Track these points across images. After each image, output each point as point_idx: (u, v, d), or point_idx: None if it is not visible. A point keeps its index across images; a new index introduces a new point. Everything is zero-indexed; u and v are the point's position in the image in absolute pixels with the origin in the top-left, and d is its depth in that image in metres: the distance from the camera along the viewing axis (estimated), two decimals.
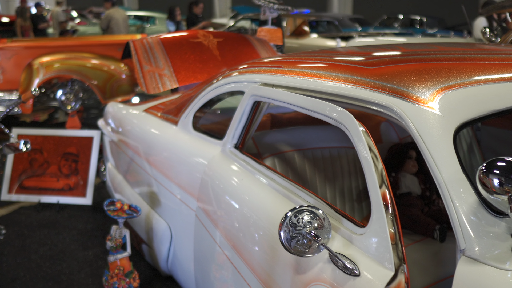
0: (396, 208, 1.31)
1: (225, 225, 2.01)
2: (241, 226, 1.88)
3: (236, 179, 2.00)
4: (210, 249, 2.14)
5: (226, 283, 2.02)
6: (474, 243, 1.28)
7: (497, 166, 1.23)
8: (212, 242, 2.11)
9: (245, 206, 1.88)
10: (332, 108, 1.55)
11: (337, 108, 1.53)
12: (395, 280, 1.24)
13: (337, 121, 1.53)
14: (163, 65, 3.76)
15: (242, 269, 1.84)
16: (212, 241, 2.11)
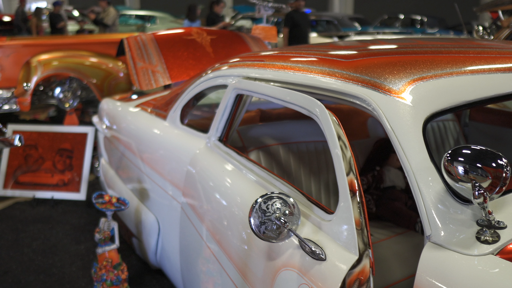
0: (363, 195, 1.34)
1: (208, 217, 2.04)
2: (221, 217, 1.91)
3: (218, 171, 2.03)
4: (195, 242, 2.18)
5: (210, 276, 2.05)
6: (440, 229, 1.30)
7: (461, 153, 1.25)
8: (196, 234, 2.15)
9: (224, 197, 1.91)
10: (304, 99, 1.58)
11: (308, 98, 1.57)
12: (359, 264, 1.27)
13: (309, 110, 1.56)
14: (156, 61, 3.80)
15: (223, 259, 1.87)
16: (196, 233, 2.15)
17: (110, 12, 9.08)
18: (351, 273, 1.25)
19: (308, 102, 1.56)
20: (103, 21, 9.15)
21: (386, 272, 2.04)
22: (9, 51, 6.08)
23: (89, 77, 6.00)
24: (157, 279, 2.95)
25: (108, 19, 9.13)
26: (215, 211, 1.97)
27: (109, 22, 9.12)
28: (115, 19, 9.03)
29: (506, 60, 1.76)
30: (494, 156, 1.23)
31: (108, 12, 9.13)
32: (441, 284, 1.22)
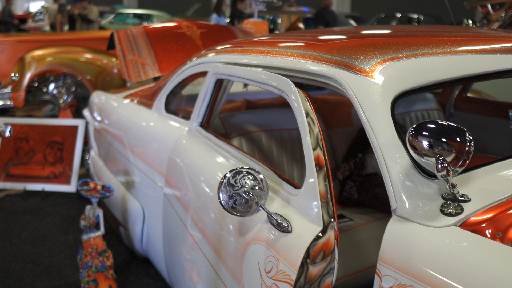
0: (329, 170, 1.36)
1: (187, 201, 2.06)
2: (200, 201, 1.93)
3: (197, 156, 2.05)
4: (176, 226, 2.20)
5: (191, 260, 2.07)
6: (405, 203, 1.33)
7: (426, 128, 1.27)
8: (177, 219, 2.17)
9: (202, 180, 1.93)
10: (275, 78, 1.61)
11: (279, 77, 1.59)
12: (324, 236, 1.29)
13: (279, 89, 1.58)
14: (145, 54, 3.82)
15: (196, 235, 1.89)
16: (178, 218, 2.17)
17: (93, 9, 9.36)
18: (315, 244, 1.28)
19: (279, 81, 1.59)
20: (88, 17, 9.33)
21: (365, 255, 2.07)
22: (3, 47, 6.11)
23: (83, 73, 6.01)
24: (144, 268, 2.97)
25: (92, 15, 9.35)
26: (194, 195, 1.99)
27: (94, 18, 9.34)
28: (98, 15, 9.29)
29: (479, 43, 1.78)
30: (458, 130, 1.25)
31: (91, 9, 9.38)
32: (404, 254, 1.25)
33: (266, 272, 1.35)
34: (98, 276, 2.61)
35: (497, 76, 1.72)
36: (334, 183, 2.59)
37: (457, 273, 1.14)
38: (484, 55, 1.70)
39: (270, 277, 1.33)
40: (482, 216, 1.28)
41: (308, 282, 1.28)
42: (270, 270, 1.34)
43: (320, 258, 1.28)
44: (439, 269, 1.17)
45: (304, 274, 1.27)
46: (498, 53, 1.74)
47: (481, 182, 1.40)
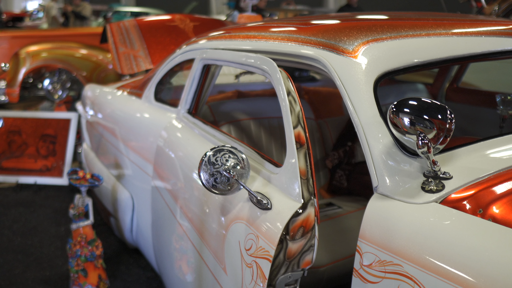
0: (310, 148, 1.35)
1: (174, 187, 2.06)
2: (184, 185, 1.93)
3: (184, 141, 2.05)
4: (164, 214, 2.19)
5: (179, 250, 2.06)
6: (386, 180, 1.32)
7: (407, 105, 1.26)
8: (165, 206, 2.16)
9: (188, 166, 1.93)
10: (257, 58, 1.60)
11: (261, 58, 1.59)
12: (304, 212, 1.28)
13: (262, 69, 1.58)
14: (138, 47, 3.82)
15: (187, 227, 1.89)
16: (165, 205, 2.16)
17: (86, 6, 9.44)
18: (294, 221, 1.27)
19: (262, 61, 1.58)
20: (81, 13, 9.38)
21: (353, 242, 2.04)
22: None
23: (78, 69, 6.01)
24: (134, 258, 2.97)
25: (85, 11, 9.41)
26: (181, 182, 1.98)
27: (87, 14, 9.39)
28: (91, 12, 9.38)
29: (464, 26, 1.78)
30: (439, 108, 1.24)
31: (84, 6, 9.44)
32: (384, 231, 1.24)
33: (246, 249, 1.34)
34: (87, 266, 2.60)
35: (483, 58, 1.72)
36: (323, 172, 2.58)
37: (437, 248, 1.13)
38: (469, 37, 1.70)
39: (250, 254, 1.32)
40: (463, 193, 1.28)
41: (287, 258, 1.27)
42: (250, 248, 1.33)
43: (299, 234, 1.28)
44: (419, 244, 1.17)
45: (284, 251, 1.26)
46: (483, 35, 1.73)
47: (463, 161, 1.39)
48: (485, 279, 1.04)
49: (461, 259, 1.09)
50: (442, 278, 1.10)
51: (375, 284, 1.24)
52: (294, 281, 1.30)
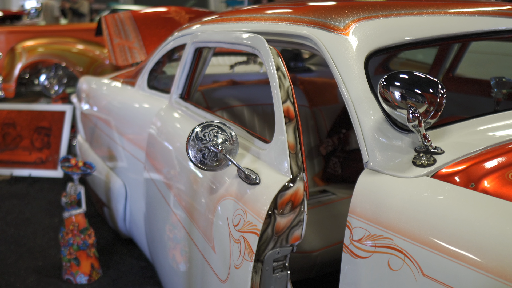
0: (299, 123, 1.33)
1: (165, 171, 2.04)
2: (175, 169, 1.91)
3: (175, 125, 2.02)
4: (156, 200, 2.17)
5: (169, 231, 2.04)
6: (377, 155, 1.30)
7: (398, 78, 1.24)
8: (157, 192, 2.14)
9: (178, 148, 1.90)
10: (247, 36, 1.58)
11: (250, 35, 1.57)
12: (292, 186, 1.26)
13: (252, 47, 1.56)
14: (133, 38, 3.80)
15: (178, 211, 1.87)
16: (157, 191, 2.14)
17: (84, 3, 9.40)
18: (283, 195, 1.25)
19: (252, 39, 1.56)
20: (79, 10, 9.35)
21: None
22: None
23: (75, 64, 5.99)
24: (128, 249, 2.94)
25: (83, 8, 9.39)
26: (172, 166, 1.96)
27: (85, 11, 9.36)
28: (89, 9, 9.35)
29: (457, 6, 1.76)
30: (430, 82, 1.22)
31: (81, 3, 9.40)
32: (374, 205, 1.22)
33: (234, 225, 1.32)
34: (80, 255, 2.58)
35: (475, 37, 1.70)
36: (318, 160, 2.56)
37: (428, 221, 1.11)
38: (462, 17, 1.68)
39: (238, 230, 1.30)
40: (455, 168, 1.26)
41: (276, 233, 1.25)
42: (238, 223, 1.31)
43: (288, 209, 1.26)
44: (410, 217, 1.15)
45: (272, 225, 1.24)
46: (476, 15, 1.71)
47: (455, 137, 1.37)
48: (476, 250, 1.02)
49: (452, 230, 1.07)
50: (433, 250, 1.08)
51: (365, 259, 1.22)
52: (283, 257, 1.28)
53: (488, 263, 0.99)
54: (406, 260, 1.13)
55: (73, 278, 2.59)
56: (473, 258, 1.01)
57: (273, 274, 1.28)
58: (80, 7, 9.39)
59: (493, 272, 0.98)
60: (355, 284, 1.26)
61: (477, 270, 1.00)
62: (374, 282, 1.20)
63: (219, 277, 1.40)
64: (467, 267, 1.01)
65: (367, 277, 1.22)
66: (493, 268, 0.98)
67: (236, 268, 1.29)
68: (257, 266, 1.25)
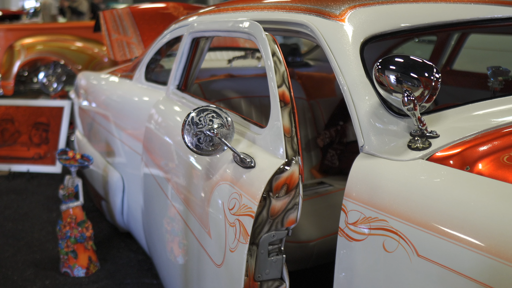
0: (295, 107, 1.34)
1: (162, 162, 2.04)
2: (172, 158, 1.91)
3: (172, 116, 2.02)
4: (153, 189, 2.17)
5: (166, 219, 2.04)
6: (372, 139, 1.31)
7: (393, 62, 1.24)
8: (153, 181, 2.14)
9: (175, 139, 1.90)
10: (244, 23, 1.59)
11: (246, 22, 1.57)
12: (288, 169, 1.26)
13: (248, 33, 1.56)
14: (131, 33, 3.80)
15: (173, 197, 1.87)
16: (153, 180, 2.14)
17: (83, 2, 9.41)
18: (278, 178, 1.25)
19: (247, 26, 1.57)
20: (78, 9, 9.36)
21: None
22: None
23: (73, 62, 5.99)
24: (126, 243, 2.94)
25: (82, 7, 9.39)
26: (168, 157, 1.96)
27: (84, 10, 9.37)
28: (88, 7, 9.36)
29: None
30: (425, 65, 1.22)
31: (80, 1, 9.41)
32: (370, 188, 1.23)
33: (229, 209, 1.32)
34: (77, 247, 2.58)
35: (471, 25, 1.70)
36: (315, 152, 2.56)
37: (422, 202, 1.12)
38: (458, 4, 1.68)
39: (233, 213, 1.30)
40: (450, 151, 1.26)
41: (271, 216, 1.25)
42: (233, 207, 1.31)
43: (283, 192, 1.26)
44: (405, 199, 1.15)
45: (267, 208, 1.24)
46: (472, 3, 1.72)
47: (451, 121, 1.37)
48: (471, 229, 1.02)
49: (446, 211, 1.07)
50: (427, 231, 1.08)
51: (360, 241, 1.22)
52: (278, 240, 1.28)
53: (483, 242, 0.99)
54: (401, 242, 1.13)
55: (71, 271, 2.59)
56: (468, 237, 1.01)
57: (269, 257, 1.28)
58: (79, 5, 9.40)
59: (488, 251, 0.98)
60: (350, 268, 1.26)
61: (471, 249, 1.00)
62: (370, 265, 1.20)
63: (214, 262, 1.40)
64: (461, 247, 1.01)
65: (363, 260, 1.22)
66: (487, 246, 0.98)
67: (231, 251, 1.29)
68: (252, 249, 1.25)
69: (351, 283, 1.27)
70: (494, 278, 0.96)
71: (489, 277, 0.97)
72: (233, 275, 1.27)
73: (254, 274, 1.28)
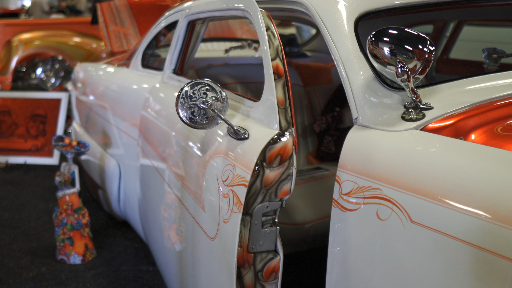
0: (289, 80, 1.33)
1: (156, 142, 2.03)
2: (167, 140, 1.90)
3: (167, 98, 2.02)
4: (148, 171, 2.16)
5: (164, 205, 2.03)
6: (366, 112, 1.31)
7: (386, 34, 1.24)
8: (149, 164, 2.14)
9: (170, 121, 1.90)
10: (237, 0, 1.58)
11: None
12: (281, 140, 1.26)
13: (243, 10, 1.56)
14: (128, 25, 3.80)
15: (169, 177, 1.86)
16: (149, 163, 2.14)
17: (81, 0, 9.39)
18: (271, 148, 1.25)
19: (241, 2, 1.56)
20: (76, 7, 9.35)
21: None
22: None
23: (71, 57, 5.98)
24: (123, 231, 2.94)
25: (80, 5, 9.38)
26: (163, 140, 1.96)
27: (82, 8, 9.37)
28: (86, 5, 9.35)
29: None
30: (419, 37, 1.22)
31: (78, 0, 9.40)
32: (363, 158, 1.22)
33: (223, 181, 1.32)
34: (73, 234, 2.57)
35: (467, 4, 1.70)
36: (312, 138, 2.56)
37: (416, 169, 1.11)
38: None
39: (227, 184, 1.29)
40: (444, 122, 1.26)
41: (264, 186, 1.25)
42: (227, 178, 1.30)
43: (277, 162, 1.26)
44: (399, 167, 1.15)
45: (260, 178, 1.24)
46: None
47: (445, 94, 1.37)
48: (464, 193, 1.02)
49: (440, 176, 1.07)
50: (421, 197, 1.08)
51: (354, 211, 1.22)
52: (272, 212, 1.28)
53: (476, 205, 0.99)
54: (395, 209, 1.13)
55: (67, 258, 2.58)
56: (461, 201, 1.01)
57: (262, 229, 1.28)
58: (77, 4, 9.39)
59: (481, 213, 0.97)
60: (344, 240, 1.26)
61: (465, 212, 1.00)
62: (363, 234, 1.20)
63: (208, 235, 1.40)
64: (454, 210, 1.01)
65: (356, 230, 1.22)
66: (481, 209, 0.98)
67: (224, 222, 1.28)
68: (246, 219, 1.25)
69: (345, 254, 1.27)
70: (487, 240, 0.96)
71: (482, 239, 0.97)
72: (227, 246, 1.27)
73: (247, 246, 1.27)
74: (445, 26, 2.95)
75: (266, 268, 1.30)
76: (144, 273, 2.49)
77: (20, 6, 15.36)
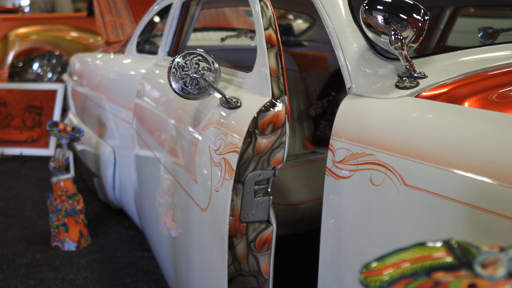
0: (281, 49, 1.32)
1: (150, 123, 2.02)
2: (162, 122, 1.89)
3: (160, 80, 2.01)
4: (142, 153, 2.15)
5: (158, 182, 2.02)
6: (360, 81, 1.30)
7: (380, 2, 1.23)
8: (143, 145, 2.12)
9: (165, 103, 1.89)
10: None
11: None
12: (274, 108, 1.25)
13: None
14: (124, 15, 3.79)
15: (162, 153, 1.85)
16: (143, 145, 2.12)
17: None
18: (264, 116, 1.24)
19: None
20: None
21: None
22: None
23: (68, 52, 5.96)
24: (118, 219, 2.92)
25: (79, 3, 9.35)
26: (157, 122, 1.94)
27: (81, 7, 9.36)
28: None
29: None
30: (413, 6, 1.21)
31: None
32: (357, 125, 1.21)
33: (215, 150, 1.30)
34: (68, 221, 2.55)
35: None
36: (308, 124, 2.55)
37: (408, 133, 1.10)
38: None
39: (219, 153, 1.28)
40: (438, 90, 1.25)
41: (257, 154, 1.24)
42: (219, 147, 1.29)
43: (269, 130, 1.24)
44: (392, 132, 1.14)
45: (252, 145, 1.23)
46: None
47: (440, 64, 1.36)
48: (457, 152, 1.00)
49: (433, 138, 1.06)
50: (414, 159, 1.07)
51: (347, 178, 1.21)
52: (265, 180, 1.27)
53: (470, 164, 0.97)
54: (388, 173, 1.12)
55: (62, 244, 2.57)
56: (455, 161, 1.00)
57: (255, 198, 1.26)
58: None
59: (475, 172, 0.96)
60: (338, 213, 1.25)
61: (458, 172, 0.99)
62: (357, 201, 1.19)
63: (200, 207, 1.38)
64: (448, 171, 1.00)
65: (350, 197, 1.20)
66: (474, 167, 0.96)
67: (216, 191, 1.27)
68: (238, 187, 1.24)
69: (339, 226, 1.26)
70: (482, 198, 0.95)
71: (477, 198, 0.96)
72: (218, 216, 1.26)
73: (240, 215, 1.26)
74: (441, 13, 2.94)
75: (259, 239, 1.29)
76: (138, 259, 2.48)
77: (17, 6, 15.35)
